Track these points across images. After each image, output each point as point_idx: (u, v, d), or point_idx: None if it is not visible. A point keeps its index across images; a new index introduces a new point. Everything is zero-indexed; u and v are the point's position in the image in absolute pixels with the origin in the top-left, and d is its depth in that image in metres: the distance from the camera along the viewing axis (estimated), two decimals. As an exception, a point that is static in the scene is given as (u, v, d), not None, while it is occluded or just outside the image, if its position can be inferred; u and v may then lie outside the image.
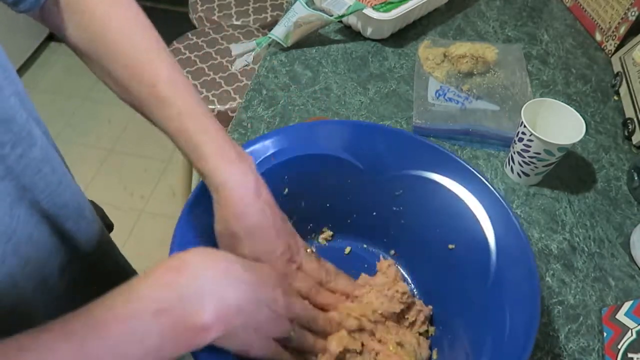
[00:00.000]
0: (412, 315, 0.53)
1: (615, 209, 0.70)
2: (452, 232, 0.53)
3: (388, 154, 0.56)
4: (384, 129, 0.57)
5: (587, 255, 0.65)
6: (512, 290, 0.46)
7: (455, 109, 0.78)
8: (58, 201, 0.46)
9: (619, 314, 0.56)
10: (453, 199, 0.53)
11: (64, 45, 0.51)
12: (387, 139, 0.56)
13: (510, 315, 0.44)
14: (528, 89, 0.82)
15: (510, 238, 0.49)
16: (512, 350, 0.42)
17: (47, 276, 0.47)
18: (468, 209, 0.52)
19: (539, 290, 0.45)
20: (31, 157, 0.42)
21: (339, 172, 0.56)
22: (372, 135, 0.56)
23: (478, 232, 0.50)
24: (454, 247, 0.53)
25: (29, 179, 0.42)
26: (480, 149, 0.76)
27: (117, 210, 1.70)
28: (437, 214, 0.54)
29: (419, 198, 0.55)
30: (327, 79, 0.84)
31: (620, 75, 0.84)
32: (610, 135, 0.79)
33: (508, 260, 0.48)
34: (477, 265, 0.50)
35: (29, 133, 0.41)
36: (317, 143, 0.55)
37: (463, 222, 0.52)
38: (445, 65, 0.85)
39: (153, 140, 1.92)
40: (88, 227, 0.53)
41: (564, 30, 0.98)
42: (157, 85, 0.45)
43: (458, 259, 0.53)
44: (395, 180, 0.56)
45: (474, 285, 0.50)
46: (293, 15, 0.87)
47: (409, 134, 0.57)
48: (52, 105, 2.02)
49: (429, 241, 0.55)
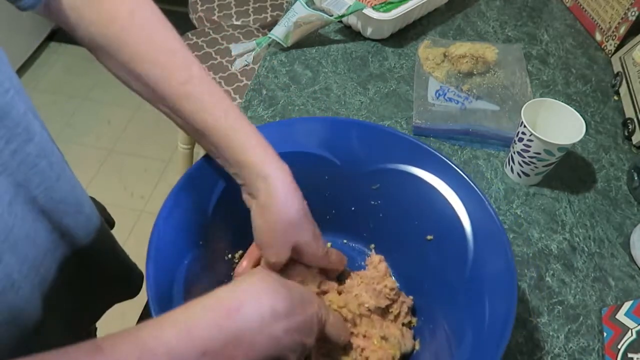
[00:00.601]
0: (396, 308, 0.53)
1: (615, 209, 0.70)
2: (429, 223, 0.54)
3: (363, 149, 0.56)
4: (359, 124, 0.58)
5: (587, 255, 0.65)
6: (490, 278, 0.47)
7: (455, 109, 0.78)
8: (55, 196, 0.46)
9: (619, 314, 0.56)
10: (429, 190, 0.54)
11: (64, 45, 0.50)
12: (363, 133, 0.57)
13: (489, 303, 0.45)
14: (528, 89, 0.82)
15: (487, 227, 0.50)
16: (491, 337, 0.43)
17: (45, 273, 0.46)
18: (444, 199, 0.53)
19: (515, 277, 0.45)
20: (26, 153, 0.41)
21: (316, 169, 0.57)
22: (347, 130, 0.57)
23: (455, 222, 0.52)
24: (432, 237, 0.54)
25: (24, 175, 0.41)
26: (480, 149, 0.76)
27: (118, 210, 1.70)
28: (415, 206, 0.55)
29: (396, 191, 0.56)
30: (327, 79, 0.84)
31: (620, 75, 0.84)
32: (610, 135, 0.79)
33: (485, 248, 0.49)
34: (455, 255, 0.51)
35: (25, 128, 0.41)
36: (293, 140, 0.56)
37: (440, 213, 0.53)
38: (445, 65, 0.85)
39: (153, 140, 1.93)
40: (87, 222, 0.53)
41: (564, 30, 0.98)
42: (189, 83, 0.46)
43: (436, 249, 0.54)
44: (371, 175, 0.57)
45: (452, 275, 0.51)
46: (293, 15, 0.87)
47: (383, 128, 0.58)
48: (52, 105, 2.02)
49: (407, 233, 0.56)
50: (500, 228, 0.49)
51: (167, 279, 0.45)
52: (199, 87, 0.47)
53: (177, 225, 0.49)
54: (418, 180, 0.55)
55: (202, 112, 0.46)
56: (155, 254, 0.45)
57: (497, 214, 0.50)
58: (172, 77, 0.46)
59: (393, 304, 0.53)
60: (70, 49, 2.21)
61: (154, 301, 0.41)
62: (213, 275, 0.53)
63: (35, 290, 0.45)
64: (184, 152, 1.54)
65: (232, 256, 0.56)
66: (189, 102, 0.46)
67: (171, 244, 0.47)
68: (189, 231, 0.50)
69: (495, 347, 0.41)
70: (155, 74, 0.46)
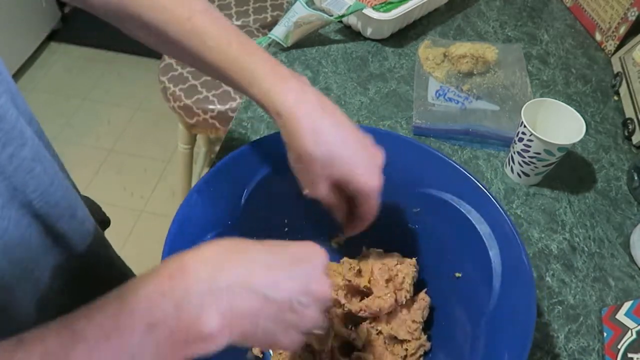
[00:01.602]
0: (413, 347, 0.52)
1: (615, 209, 0.70)
2: (461, 260, 0.52)
3: (412, 169, 0.54)
4: (411, 144, 0.55)
5: (587, 255, 0.65)
6: (508, 324, 0.45)
7: (455, 109, 0.78)
8: (50, 200, 0.45)
9: (619, 314, 0.56)
10: (468, 226, 0.51)
11: (64, 45, 0.51)
12: (415, 153, 0.54)
13: (504, 346, 0.44)
14: (528, 89, 0.82)
15: (517, 273, 0.47)
16: None
17: (38, 277, 0.46)
18: (481, 239, 0.50)
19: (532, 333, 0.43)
20: (22, 157, 0.41)
21: None
22: (400, 147, 0.54)
23: (486, 263, 0.49)
24: (461, 275, 0.53)
25: (20, 179, 0.41)
26: (480, 149, 0.76)
27: (117, 210, 1.70)
28: (450, 239, 0.53)
29: (435, 220, 0.54)
30: (327, 79, 0.84)
31: (620, 75, 0.84)
32: (610, 135, 0.79)
33: (511, 294, 0.47)
34: (479, 296, 0.49)
35: (20, 132, 0.41)
36: None
37: (474, 252, 0.50)
38: (445, 65, 0.85)
39: (153, 140, 1.93)
40: (80, 227, 0.52)
41: (564, 30, 0.98)
42: (193, 17, 0.46)
43: (462, 288, 0.52)
44: (415, 197, 0.55)
45: (471, 317, 0.49)
46: (293, 15, 0.87)
47: (435, 153, 0.55)
48: (52, 105, 2.02)
49: (437, 265, 0.54)
50: (531, 280, 0.46)
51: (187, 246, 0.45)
52: (202, 21, 0.46)
53: (209, 200, 0.48)
54: (459, 214, 0.52)
55: (208, 45, 0.46)
56: (178, 225, 0.44)
57: (530, 261, 0.47)
58: (173, 16, 0.46)
59: (409, 342, 0.52)
60: (70, 49, 2.21)
61: None
62: None
63: (28, 293, 0.45)
64: (184, 152, 1.54)
65: None
66: (194, 37, 0.46)
67: (198, 217, 0.47)
68: (219, 207, 0.49)
69: None
70: (158, 17, 0.47)
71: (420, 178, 0.54)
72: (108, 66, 2.12)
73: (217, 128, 1.32)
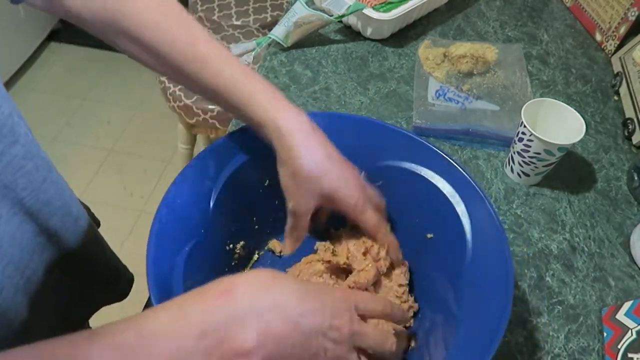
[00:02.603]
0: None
1: (615, 209, 0.70)
2: (430, 221, 0.55)
3: (366, 145, 0.57)
4: (362, 120, 0.59)
5: (587, 255, 0.65)
6: (487, 276, 0.47)
7: (455, 109, 0.78)
8: (42, 198, 0.45)
9: (619, 314, 0.56)
10: (431, 189, 0.54)
11: (64, 45, 0.51)
12: (365, 129, 0.57)
13: (484, 301, 0.46)
14: (528, 89, 0.82)
15: (486, 227, 0.50)
16: (485, 335, 0.43)
17: (30, 274, 0.46)
18: (446, 198, 0.53)
19: (511, 275, 0.46)
20: (13, 154, 0.41)
21: None
22: (350, 126, 0.57)
23: (455, 220, 0.52)
24: (432, 236, 0.55)
25: (10, 177, 0.41)
26: (480, 149, 0.76)
27: (117, 210, 1.70)
28: (417, 205, 0.56)
29: (398, 189, 0.57)
30: (327, 79, 0.84)
31: (620, 75, 0.84)
32: (610, 135, 0.79)
33: (484, 248, 0.49)
34: (454, 253, 0.51)
35: (10, 130, 0.41)
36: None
37: (441, 212, 0.53)
38: (445, 65, 0.85)
39: (153, 140, 1.93)
40: (74, 224, 0.52)
41: (564, 30, 0.98)
42: (196, 44, 0.47)
43: (435, 247, 0.55)
44: (375, 172, 0.57)
45: (450, 273, 0.51)
46: (293, 15, 0.87)
47: (385, 125, 0.58)
48: (52, 105, 2.02)
49: (408, 231, 0.57)
50: (500, 227, 0.49)
51: (168, 265, 0.46)
52: (206, 48, 0.47)
53: (180, 213, 0.49)
54: (420, 178, 0.55)
55: (211, 72, 0.47)
56: (156, 240, 0.45)
57: (497, 214, 0.50)
58: (180, 41, 0.47)
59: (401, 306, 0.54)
60: (70, 49, 2.21)
61: (154, 288, 0.42)
62: (214, 264, 0.53)
63: (20, 291, 0.45)
64: (184, 152, 1.54)
65: (233, 247, 0.57)
66: (197, 63, 0.47)
67: (172, 232, 0.47)
68: (191, 219, 0.50)
69: (488, 342, 0.41)
70: (162, 41, 0.47)
71: (379, 152, 0.57)
72: (108, 66, 2.12)
73: (217, 128, 1.32)
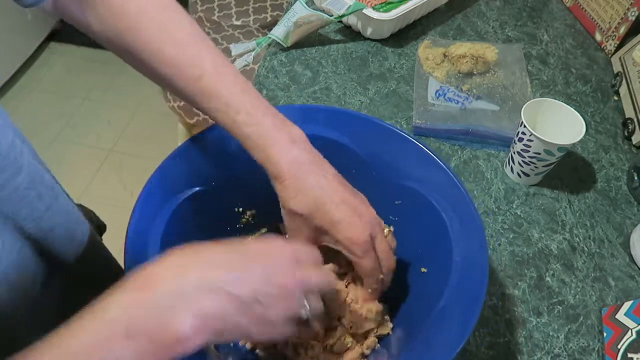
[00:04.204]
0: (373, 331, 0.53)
1: (615, 209, 0.70)
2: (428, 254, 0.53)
3: (398, 160, 0.55)
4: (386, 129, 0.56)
5: (587, 255, 0.65)
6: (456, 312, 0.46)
7: (455, 109, 0.78)
8: (44, 225, 0.45)
9: (619, 314, 0.56)
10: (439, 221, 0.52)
11: (64, 45, 0.50)
12: (402, 146, 0.55)
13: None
14: (528, 89, 0.82)
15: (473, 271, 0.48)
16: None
17: (35, 299, 0.46)
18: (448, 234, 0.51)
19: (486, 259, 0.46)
20: (15, 185, 0.41)
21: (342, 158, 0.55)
22: (388, 138, 0.55)
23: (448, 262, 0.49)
24: (426, 270, 0.53)
25: (12, 207, 0.41)
26: (480, 149, 0.76)
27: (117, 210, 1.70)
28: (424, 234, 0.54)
29: (413, 214, 0.54)
30: (327, 79, 0.84)
31: (620, 75, 0.84)
32: (610, 135, 0.79)
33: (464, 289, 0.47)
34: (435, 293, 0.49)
35: (14, 159, 0.40)
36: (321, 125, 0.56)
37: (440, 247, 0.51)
38: (445, 65, 0.85)
39: (153, 140, 1.92)
40: (78, 248, 0.52)
41: (564, 30, 0.98)
42: (201, 79, 0.46)
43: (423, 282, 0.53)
44: (399, 189, 0.55)
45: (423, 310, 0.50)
46: (293, 15, 0.87)
47: (425, 149, 0.54)
48: (52, 105, 2.02)
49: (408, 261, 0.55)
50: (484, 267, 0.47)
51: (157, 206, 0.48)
52: (212, 82, 0.46)
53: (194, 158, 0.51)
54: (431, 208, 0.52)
55: (216, 109, 0.47)
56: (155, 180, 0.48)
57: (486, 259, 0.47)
58: (183, 74, 0.46)
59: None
60: (70, 49, 2.21)
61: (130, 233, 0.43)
62: (215, 218, 0.55)
63: (24, 316, 0.44)
64: (184, 152, 1.53)
65: (242, 211, 0.58)
66: (202, 99, 0.47)
67: (174, 177, 0.50)
68: (203, 166, 0.52)
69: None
70: (166, 71, 0.46)
71: (404, 169, 0.55)
72: (108, 66, 2.12)
73: (217, 128, 1.32)
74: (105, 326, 0.32)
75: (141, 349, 0.32)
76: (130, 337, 0.32)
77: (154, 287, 0.34)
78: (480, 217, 0.50)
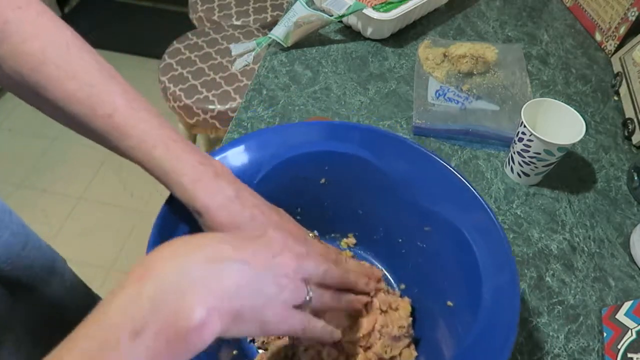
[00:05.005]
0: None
1: (615, 209, 0.70)
2: (456, 288, 0.50)
3: (429, 186, 0.53)
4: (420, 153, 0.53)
5: (587, 255, 0.65)
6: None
7: (455, 109, 0.78)
8: (20, 265, 0.44)
9: (619, 314, 0.56)
10: (470, 251, 0.49)
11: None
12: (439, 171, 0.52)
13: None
14: (528, 89, 0.82)
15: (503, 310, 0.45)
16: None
17: (17, 334, 0.45)
18: (478, 268, 0.48)
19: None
20: None
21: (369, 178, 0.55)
22: (425, 162, 0.53)
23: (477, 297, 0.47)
24: (452, 305, 0.50)
25: None
26: (480, 149, 0.76)
27: (117, 210, 1.70)
28: (453, 266, 0.51)
29: (443, 243, 0.52)
30: (327, 79, 0.84)
31: (620, 75, 0.84)
32: (610, 135, 0.79)
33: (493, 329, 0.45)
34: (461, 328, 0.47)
35: None
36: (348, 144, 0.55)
37: (468, 282, 0.48)
38: (445, 65, 0.85)
39: (153, 140, 1.92)
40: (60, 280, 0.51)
41: (564, 30, 0.98)
42: (113, 115, 0.44)
43: (449, 315, 0.50)
44: (428, 215, 0.53)
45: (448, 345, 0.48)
46: (293, 15, 0.87)
47: (459, 178, 0.51)
48: (52, 105, 2.02)
49: (433, 293, 0.52)
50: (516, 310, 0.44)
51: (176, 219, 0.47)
52: (124, 118, 0.44)
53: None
54: (467, 243, 0.49)
55: (131, 147, 0.44)
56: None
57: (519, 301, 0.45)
58: (93, 112, 0.44)
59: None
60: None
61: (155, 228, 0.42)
62: None
63: (6, 351, 0.44)
64: (184, 152, 1.53)
65: None
66: (116, 136, 0.44)
67: None
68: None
69: None
70: (76, 110, 0.44)
71: (436, 196, 0.52)
72: (108, 66, 2.12)
73: (217, 128, 1.32)
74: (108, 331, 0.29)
75: (150, 345, 0.29)
76: (136, 337, 0.29)
77: (155, 276, 0.31)
78: (513, 255, 0.47)
